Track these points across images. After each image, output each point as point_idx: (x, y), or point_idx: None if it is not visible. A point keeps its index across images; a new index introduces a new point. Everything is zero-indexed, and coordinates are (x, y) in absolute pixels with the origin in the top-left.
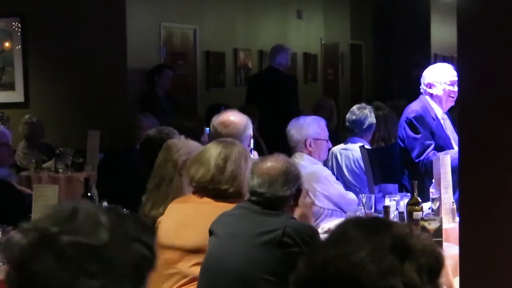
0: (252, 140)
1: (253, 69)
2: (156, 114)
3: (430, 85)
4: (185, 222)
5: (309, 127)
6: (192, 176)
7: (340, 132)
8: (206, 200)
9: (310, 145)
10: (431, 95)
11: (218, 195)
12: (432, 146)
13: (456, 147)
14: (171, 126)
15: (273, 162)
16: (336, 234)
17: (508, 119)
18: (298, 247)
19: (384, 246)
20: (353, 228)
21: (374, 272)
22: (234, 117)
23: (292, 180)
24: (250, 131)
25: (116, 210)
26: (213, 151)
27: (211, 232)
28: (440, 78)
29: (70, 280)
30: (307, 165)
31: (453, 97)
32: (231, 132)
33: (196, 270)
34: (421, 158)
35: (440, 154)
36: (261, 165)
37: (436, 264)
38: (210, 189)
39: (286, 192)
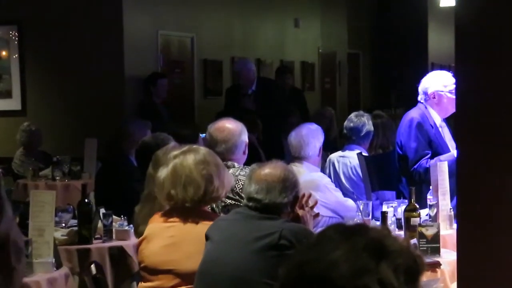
0: (247, 148)
1: None
2: (153, 123)
3: (433, 94)
4: (174, 244)
5: (320, 137)
6: (181, 199)
7: (338, 141)
8: (193, 219)
9: (318, 155)
10: (432, 103)
11: (203, 212)
12: (428, 155)
13: (453, 152)
14: (166, 133)
15: (271, 169)
16: (315, 237)
17: (506, 126)
18: (295, 249)
19: (359, 246)
20: (331, 231)
21: (347, 271)
22: (229, 124)
23: (289, 187)
24: (245, 138)
25: None
26: (189, 165)
27: (207, 237)
28: (443, 87)
29: None
30: (307, 172)
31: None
32: (226, 137)
33: None
34: (415, 166)
35: (433, 161)
36: (259, 172)
37: (414, 265)
38: (206, 201)
39: (284, 199)
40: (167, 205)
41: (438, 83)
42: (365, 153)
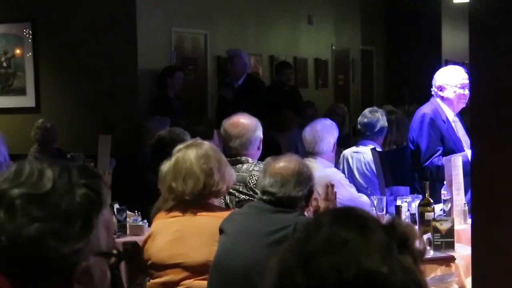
0: (261, 143)
1: (263, 74)
2: (167, 117)
3: (441, 88)
4: (180, 237)
5: (335, 132)
6: (181, 192)
7: (351, 137)
8: (196, 211)
9: (332, 150)
10: (442, 97)
11: (205, 204)
12: (440, 151)
13: (467, 150)
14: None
15: (286, 162)
16: (327, 236)
17: None
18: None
19: (390, 247)
20: (341, 228)
21: (389, 274)
22: (244, 119)
23: (304, 181)
24: (260, 134)
25: (62, 163)
26: (190, 158)
27: (221, 230)
28: (451, 81)
29: (19, 226)
30: (321, 168)
31: (464, 99)
32: (240, 132)
33: (200, 283)
34: (427, 163)
35: (446, 159)
36: (274, 165)
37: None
38: (205, 195)
39: (298, 193)
40: (168, 198)
41: (445, 76)
42: (379, 149)
